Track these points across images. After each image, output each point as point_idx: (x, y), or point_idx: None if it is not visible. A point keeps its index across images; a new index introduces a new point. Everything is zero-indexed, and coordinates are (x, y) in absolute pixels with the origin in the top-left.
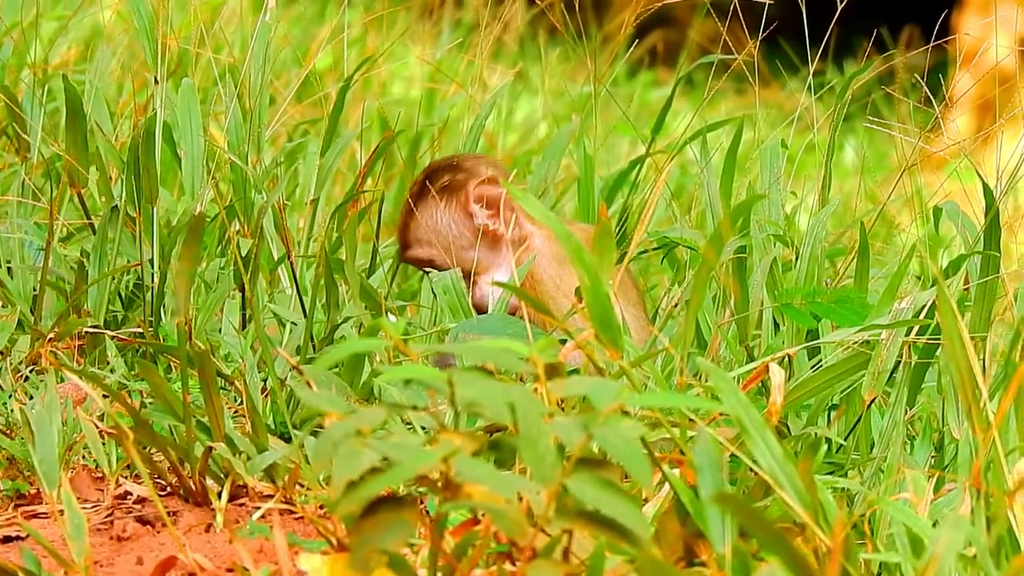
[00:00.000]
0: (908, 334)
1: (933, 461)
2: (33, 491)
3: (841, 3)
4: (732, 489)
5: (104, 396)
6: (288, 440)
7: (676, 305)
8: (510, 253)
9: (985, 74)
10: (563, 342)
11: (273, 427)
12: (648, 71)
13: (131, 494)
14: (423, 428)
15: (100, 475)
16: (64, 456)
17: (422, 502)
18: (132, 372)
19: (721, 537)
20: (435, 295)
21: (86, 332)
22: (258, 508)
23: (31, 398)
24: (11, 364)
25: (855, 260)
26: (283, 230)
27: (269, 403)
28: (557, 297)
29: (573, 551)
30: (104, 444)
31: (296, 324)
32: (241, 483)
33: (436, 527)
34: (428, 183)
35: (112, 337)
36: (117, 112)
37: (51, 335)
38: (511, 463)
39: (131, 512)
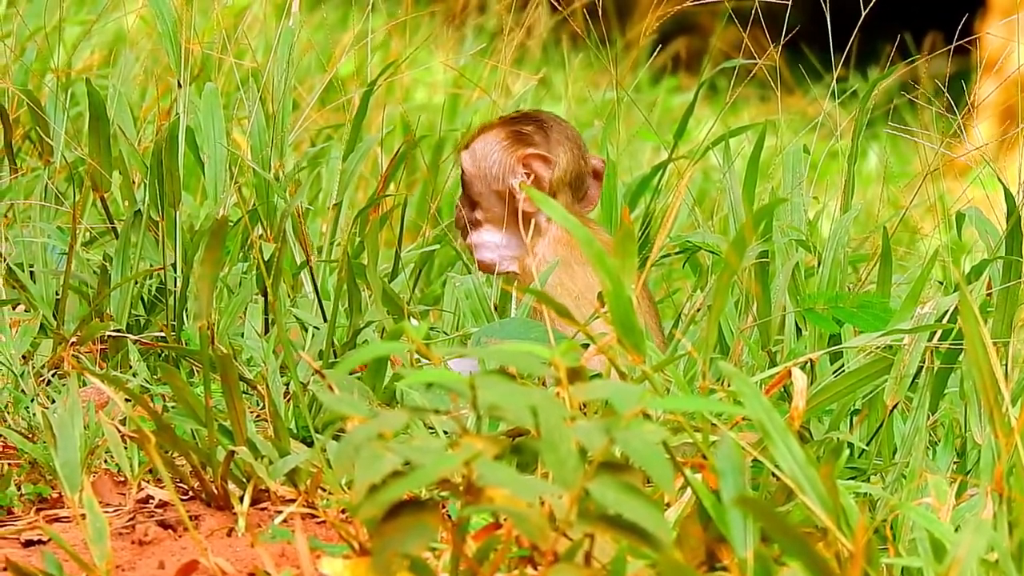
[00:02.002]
0: (930, 339)
1: (955, 466)
2: (55, 495)
3: (865, 9)
4: (754, 494)
5: (126, 400)
6: (310, 444)
7: (698, 310)
8: (523, 237)
9: (1007, 79)
10: (584, 346)
11: (295, 431)
12: (671, 77)
13: (153, 498)
14: (445, 432)
15: (122, 479)
16: (86, 460)
17: (444, 506)
18: (154, 376)
19: (743, 541)
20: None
21: (108, 336)
22: (280, 512)
23: (53, 402)
24: (33, 368)
25: (878, 265)
26: (302, 236)
27: (291, 407)
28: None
29: (595, 555)
30: (126, 448)
31: (318, 328)
32: (263, 487)
33: (458, 531)
34: (514, 119)
35: (134, 341)
36: (140, 116)
37: (73, 339)
38: (533, 467)
39: (153, 516)
